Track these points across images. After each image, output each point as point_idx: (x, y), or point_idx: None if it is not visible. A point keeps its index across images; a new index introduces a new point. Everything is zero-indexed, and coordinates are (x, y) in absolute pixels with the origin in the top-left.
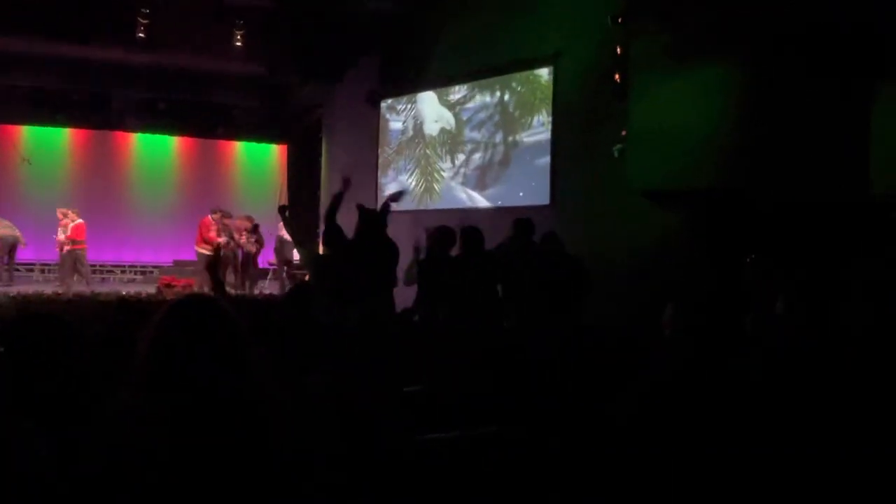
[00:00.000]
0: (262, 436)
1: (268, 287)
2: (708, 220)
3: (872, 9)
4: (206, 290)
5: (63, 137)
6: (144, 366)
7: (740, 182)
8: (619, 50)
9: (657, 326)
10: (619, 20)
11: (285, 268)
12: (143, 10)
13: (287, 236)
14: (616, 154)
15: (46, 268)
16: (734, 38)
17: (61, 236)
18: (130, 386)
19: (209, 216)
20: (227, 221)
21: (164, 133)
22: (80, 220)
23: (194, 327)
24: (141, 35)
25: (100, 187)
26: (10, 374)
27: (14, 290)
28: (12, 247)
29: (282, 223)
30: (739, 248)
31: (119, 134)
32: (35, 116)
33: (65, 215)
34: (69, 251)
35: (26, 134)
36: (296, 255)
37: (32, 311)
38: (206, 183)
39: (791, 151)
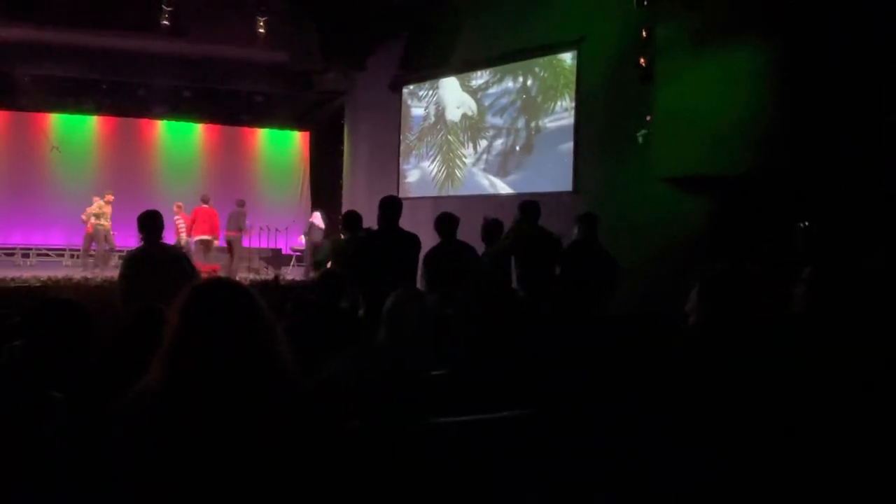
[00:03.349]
0: (284, 416)
1: (290, 273)
2: (737, 205)
3: None
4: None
5: (91, 125)
6: (170, 346)
7: (770, 168)
8: (644, 33)
9: (681, 314)
10: (645, 3)
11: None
12: None
13: (317, 222)
14: (640, 140)
15: (75, 252)
16: (763, 20)
17: None
18: (156, 365)
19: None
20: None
21: (189, 120)
22: None
23: (218, 309)
24: (165, 23)
25: (126, 173)
26: (38, 353)
27: (45, 274)
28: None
29: (317, 213)
30: (769, 233)
31: (145, 121)
32: (64, 105)
33: None
34: None
35: (55, 122)
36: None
37: (51, 297)
38: (229, 169)
39: (823, 135)
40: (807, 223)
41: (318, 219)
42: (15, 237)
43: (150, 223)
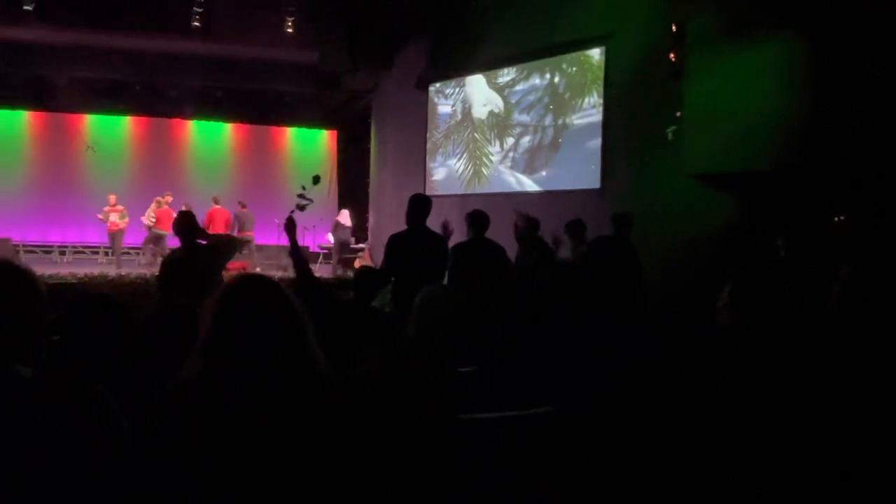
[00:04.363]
0: (316, 411)
1: (318, 270)
2: (769, 202)
3: None
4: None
5: (124, 125)
6: (206, 341)
7: (803, 163)
8: (674, 28)
9: (713, 313)
10: None
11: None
12: None
13: (344, 221)
14: (670, 136)
15: (108, 250)
16: (795, 14)
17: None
18: (192, 360)
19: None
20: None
21: (219, 120)
22: None
23: (252, 305)
24: (196, 24)
25: (159, 173)
26: (78, 347)
27: (81, 271)
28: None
29: (344, 211)
30: (801, 230)
31: (176, 121)
32: (98, 106)
33: None
34: None
35: (90, 122)
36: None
37: (92, 293)
38: (258, 168)
39: (855, 131)
40: (841, 219)
41: (345, 217)
42: (52, 235)
43: (179, 225)
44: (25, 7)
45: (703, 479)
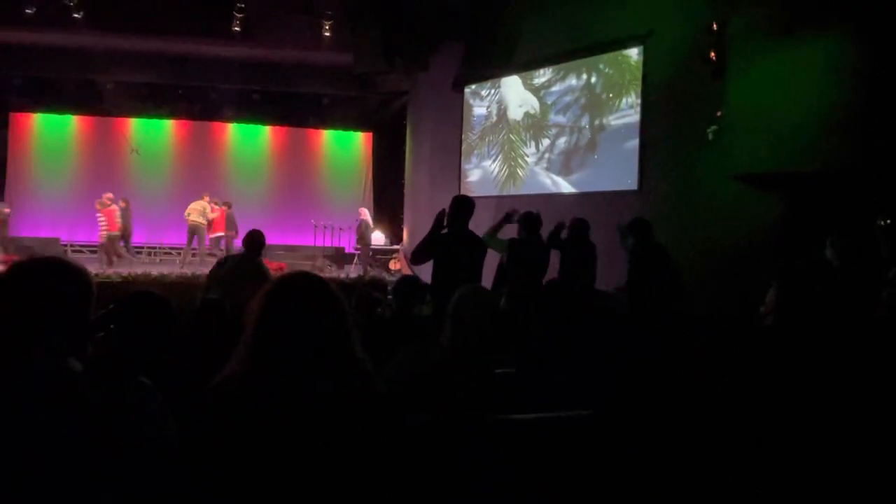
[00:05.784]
0: (359, 410)
1: (354, 271)
2: (813, 203)
3: None
4: None
5: (167, 129)
6: (251, 337)
7: (848, 163)
8: (714, 26)
9: (756, 315)
10: None
11: (370, 252)
12: (238, 4)
13: (368, 219)
14: (710, 136)
15: (152, 250)
16: (844, 9)
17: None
18: (237, 357)
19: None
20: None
21: (258, 123)
22: None
23: (300, 302)
24: (237, 29)
25: (200, 174)
26: (128, 343)
27: (125, 270)
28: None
29: (363, 209)
30: (847, 232)
31: (217, 124)
32: (142, 109)
33: None
34: None
35: (135, 126)
36: (376, 240)
37: (142, 291)
38: (295, 170)
39: None
40: (888, 221)
41: (366, 215)
42: (98, 235)
43: (247, 240)
44: (74, 15)
45: (755, 480)
